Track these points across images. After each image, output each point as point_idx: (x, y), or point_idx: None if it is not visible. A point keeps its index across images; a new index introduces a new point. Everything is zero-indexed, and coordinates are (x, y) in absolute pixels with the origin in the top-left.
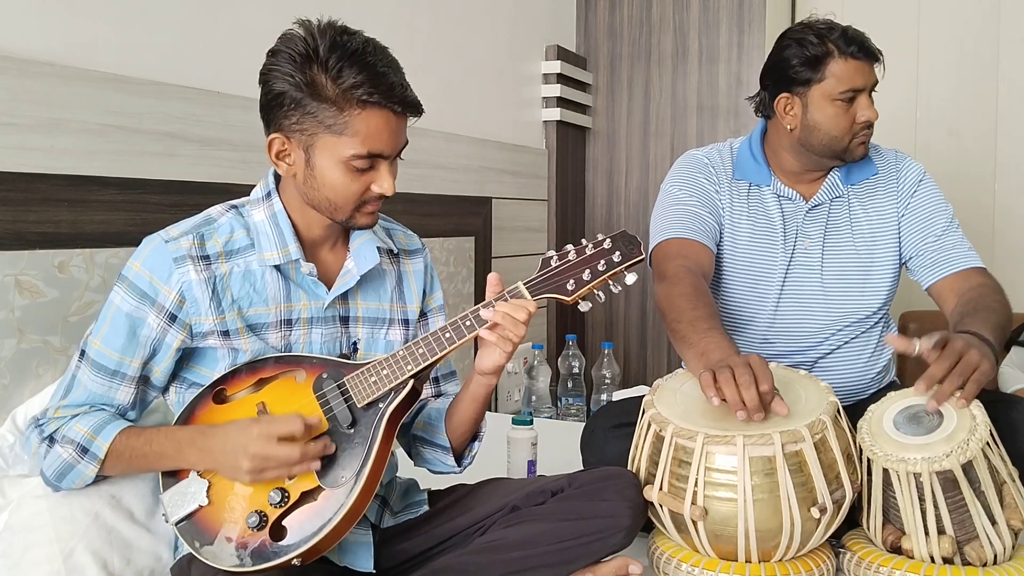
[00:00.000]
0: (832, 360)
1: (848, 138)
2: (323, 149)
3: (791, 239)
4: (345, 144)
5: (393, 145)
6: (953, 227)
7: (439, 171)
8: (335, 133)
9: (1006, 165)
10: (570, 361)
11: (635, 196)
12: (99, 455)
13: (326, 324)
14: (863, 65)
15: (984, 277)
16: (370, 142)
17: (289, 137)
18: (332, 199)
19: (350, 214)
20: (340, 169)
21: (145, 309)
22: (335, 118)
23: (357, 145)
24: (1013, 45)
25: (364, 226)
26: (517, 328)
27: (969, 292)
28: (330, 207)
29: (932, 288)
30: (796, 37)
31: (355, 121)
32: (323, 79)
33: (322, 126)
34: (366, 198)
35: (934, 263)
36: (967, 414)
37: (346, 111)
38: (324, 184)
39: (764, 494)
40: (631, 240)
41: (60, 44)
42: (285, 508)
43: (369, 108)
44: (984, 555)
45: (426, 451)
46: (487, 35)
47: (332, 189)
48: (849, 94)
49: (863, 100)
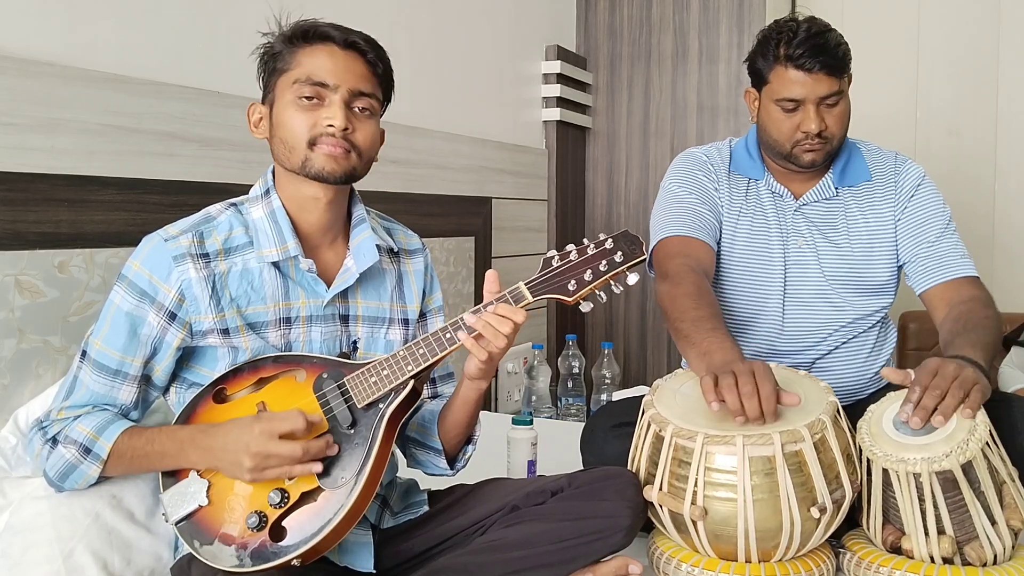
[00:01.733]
0: (831, 360)
1: (789, 145)
2: (280, 94)
3: (784, 237)
4: (291, 78)
5: (337, 76)
6: (949, 232)
7: (439, 171)
8: (286, 72)
9: (1006, 165)
10: (570, 361)
11: (635, 196)
12: (102, 455)
13: (326, 322)
14: (804, 77)
15: (975, 288)
16: (313, 70)
17: (263, 102)
18: (284, 139)
19: (304, 155)
20: (291, 107)
21: (145, 308)
22: (286, 59)
23: (300, 75)
24: (1013, 45)
25: (324, 172)
26: (498, 339)
27: (959, 306)
28: (286, 150)
29: (923, 295)
30: (763, 34)
31: (300, 54)
32: (282, 41)
33: (278, 73)
34: (315, 132)
35: (927, 270)
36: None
37: (295, 49)
38: (280, 126)
39: (764, 494)
40: (633, 240)
41: (60, 44)
42: (285, 509)
43: (314, 42)
44: (984, 555)
45: (419, 453)
46: (487, 35)
47: (284, 127)
48: (788, 103)
49: (808, 110)
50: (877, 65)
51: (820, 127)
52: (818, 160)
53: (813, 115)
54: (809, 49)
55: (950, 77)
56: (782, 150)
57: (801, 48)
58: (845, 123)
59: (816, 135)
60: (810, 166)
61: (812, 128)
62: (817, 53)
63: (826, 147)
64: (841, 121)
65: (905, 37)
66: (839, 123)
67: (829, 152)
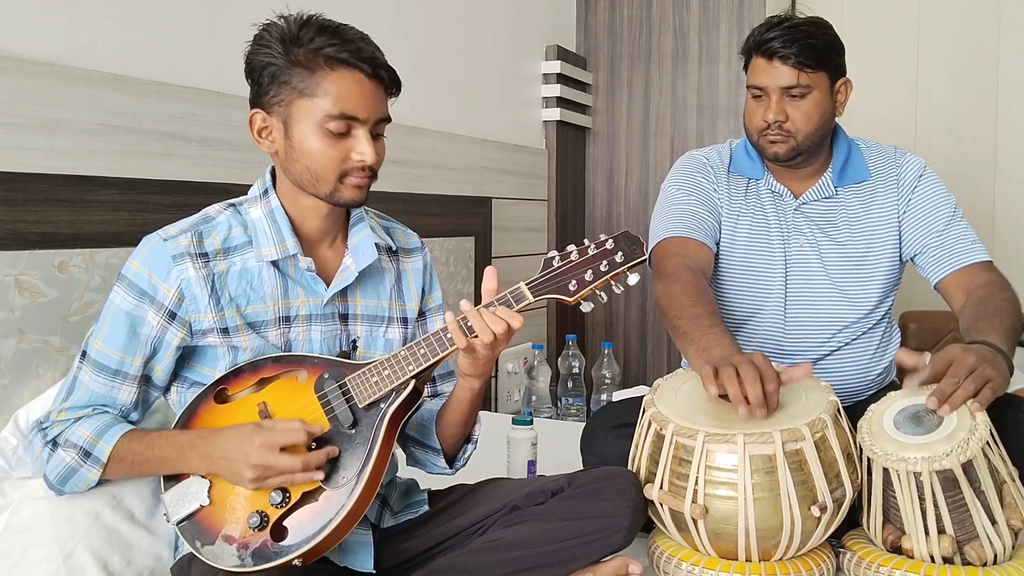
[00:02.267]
0: (836, 360)
1: (756, 135)
2: (299, 116)
3: (785, 236)
4: (318, 106)
5: (367, 109)
6: (956, 220)
7: (439, 171)
8: (308, 96)
9: (1006, 165)
10: (570, 361)
11: (635, 196)
12: (102, 459)
13: (325, 321)
14: (767, 65)
15: (991, 273)
16: (342, 102)
17: (269, 112)
18: (312, 168)
19: (333, 186)
20: (317, 135)
21: (145, 307)
22: (306, 80)
23: (329, 106)
24: (1013, 45)
25: (351, 201)
26: (484, 334)
27: (977, 291)
28: (312, 179)
29: (939, 284)
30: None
31: (326, 81)
32: (295, 48)
33: (295, 91)
34: (347, 167)
35: (939, 259)
36: (967, 413)
37: (316, 72)
38: (303, 153)
39: (764, 493)
40: (633, 240)
41: (60, 44)
42: (286, 509)
43: (338, 68)
44: (984, 555)
45: (418, 452)
46: (487, 35)
47: (311, 157)
48: (755, 91)
49: (770, 99)
50: (877, 65)
51: (779, 117)
52: (781, 154)
53: (774, 104)
54: (778, 38)
55: (950, 77)
56: (752, 140)
57: (771, 35)
58: (815, 121)
59: (778, 127)
60: (774, 159)
61: (770, 117)
62: (786, 44)
63: (790, 141)
64: (808, 117)
65: (905, 37)
66: (805, 119)
67: (796, 148)
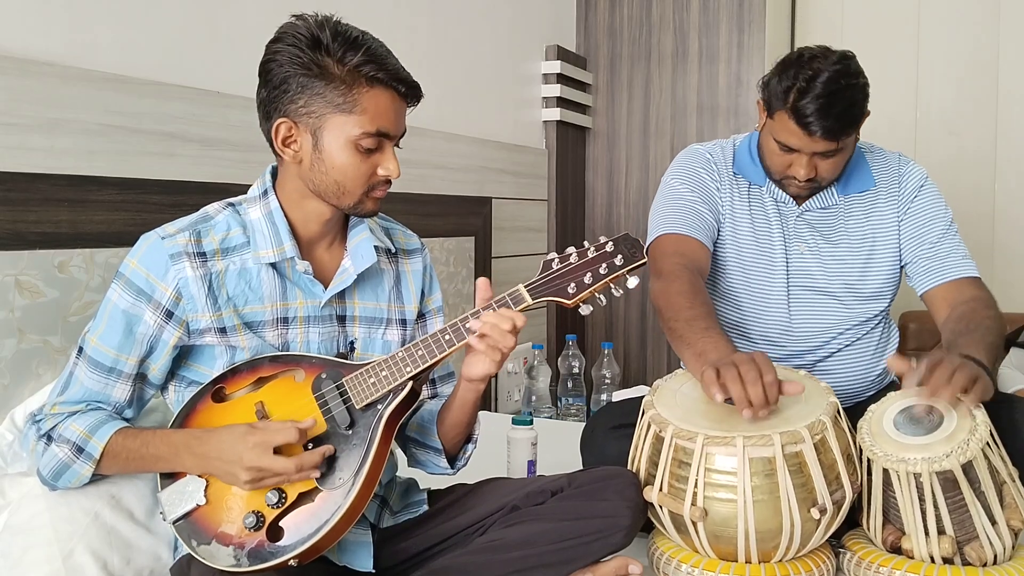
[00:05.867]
0: (835, 361)
1: (779, 176)
2: (332, 130)
3: (787, 242)
4: (354, 123)
5: (398, 126)
6: (950, 234)
7: (439, 171)
8: (344, 112)
9: (1006, 166)
10: (570, 361)
11: (635, 196)
12: (94, 455)
13: (323, 323)
14: (803, 134)
15: (977, 289)
16: (379, 120)
17: (296, 122)
18: (341, 182)
19: (359, 199)
20: (348, 150)
21: (142, 306)
22: (344, 96)
23: (366, 123)
24: (1013, 45)
25: (371, 212)
26: (505, 339)
27: (961, 306)
28: (338, 191)
29: (925, 295)
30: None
31: (364, 99)
32: (329, 61)
33: (331, 106)
34: (374, 182)
35: (928, 271)
36: (967, 414)
37: (355, 89)
38: (333, 167)
39: (764, 495)
40: (633, 243)
41: (60, 44)
42: (282, 509)
43: (376, 86)
44: (984, 555)
45: (419, 453)
46: (487, 35)
47: (341, 172)
48: (783, 146)
49: (801, 159)
50: (877, 65)
51: (810, 175)
52: (804, 197)
53: (805, 164)
54: (815, 112)
55: (950, 77)
56: (772, 176)
57: (809, 107)
58: (840, 167)
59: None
60: (795, 198)
61: (801, 175)
62: (823, 117)
63: (814, 188)
64: (835, 168)
65: (905, 37)
66: (832, 170)
67: (818, 190)
